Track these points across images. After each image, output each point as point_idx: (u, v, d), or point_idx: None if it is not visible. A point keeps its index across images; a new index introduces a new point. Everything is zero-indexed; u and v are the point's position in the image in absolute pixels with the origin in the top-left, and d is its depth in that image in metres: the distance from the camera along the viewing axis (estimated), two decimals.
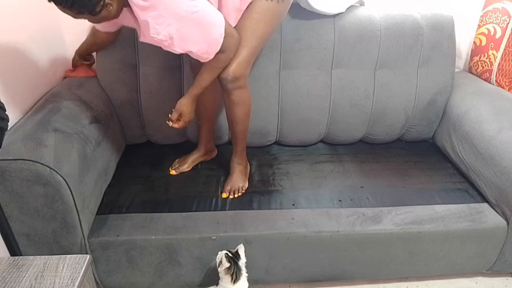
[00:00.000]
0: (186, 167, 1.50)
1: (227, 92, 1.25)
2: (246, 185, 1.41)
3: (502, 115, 1.42)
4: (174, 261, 1.24)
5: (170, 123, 1.26)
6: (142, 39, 1.13)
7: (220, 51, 1.13)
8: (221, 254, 1.15)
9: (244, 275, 1.18)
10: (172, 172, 1.48)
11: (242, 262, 1.18)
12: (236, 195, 1.36)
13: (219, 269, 1.15)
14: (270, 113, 1.57)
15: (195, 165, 1.53)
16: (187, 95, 1.24)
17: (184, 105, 1.24)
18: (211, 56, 1.13)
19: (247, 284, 1.19)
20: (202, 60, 1.15)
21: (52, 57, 1.50)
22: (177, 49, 1.08)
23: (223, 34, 1.09)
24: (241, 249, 1.18)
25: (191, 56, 1.14)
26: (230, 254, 1.15)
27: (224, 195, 1.36)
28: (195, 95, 1.23)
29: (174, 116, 1.25)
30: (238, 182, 1.40)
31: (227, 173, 1.45)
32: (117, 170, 1.46)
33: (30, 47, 1.34)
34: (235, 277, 1.14)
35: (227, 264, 1.13)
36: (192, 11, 1.02)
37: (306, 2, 1.41)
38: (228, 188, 1.38)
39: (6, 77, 1.19)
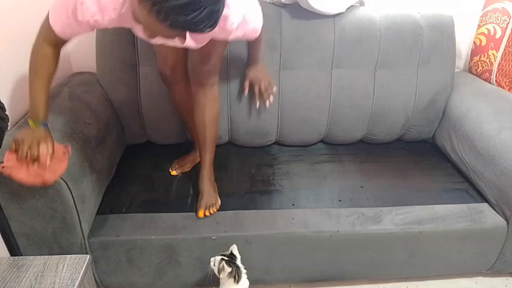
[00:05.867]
0: (186, 167, 1.50)
1: (206, 88, 1.26)
2: (219, 202, 1.31)
3: (502, 115, 1.42)
4: (174, 261, 1.24)
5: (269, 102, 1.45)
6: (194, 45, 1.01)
7: None
8: (215, 261, 1.14)
9: (243, 271, 1.18)
10: (173, 172, 1.48)
11: (239, 260, 1.17)
12: (211, 212, 1.28)
13: (221, 276, 1.14)
14: (270, 113, 1.57)
15: (195, 165, 1.52)
16: (258, 61, 1.41)
17: (260, 70, 1.42)
18: (259, 30, 1.14)
19: (247, 281, 1.19)
20: (254, 37, 1.15)
21: None
22: (248, 29, 1.07)
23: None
24: (234, 250, 1.18)
25: (244, 37, 1.10)
26: (226, 258, 1.14)
27: (201, 212, 1.26)
28: (261, 59, 1.42)
29: (264, 86, 1.42)
30: (210, 199, 1.30)
31: (227, 172, 1.45)
32: (117, 170, 1.46)
33: (30, 46, 1.33)
34: (237, 277, 1.14)
35: (229, 270, 1.12)
36: None
37: (306, 2, 1.41)
38: (203, 206, 1.28)
39: (6, 77, 1.19)
